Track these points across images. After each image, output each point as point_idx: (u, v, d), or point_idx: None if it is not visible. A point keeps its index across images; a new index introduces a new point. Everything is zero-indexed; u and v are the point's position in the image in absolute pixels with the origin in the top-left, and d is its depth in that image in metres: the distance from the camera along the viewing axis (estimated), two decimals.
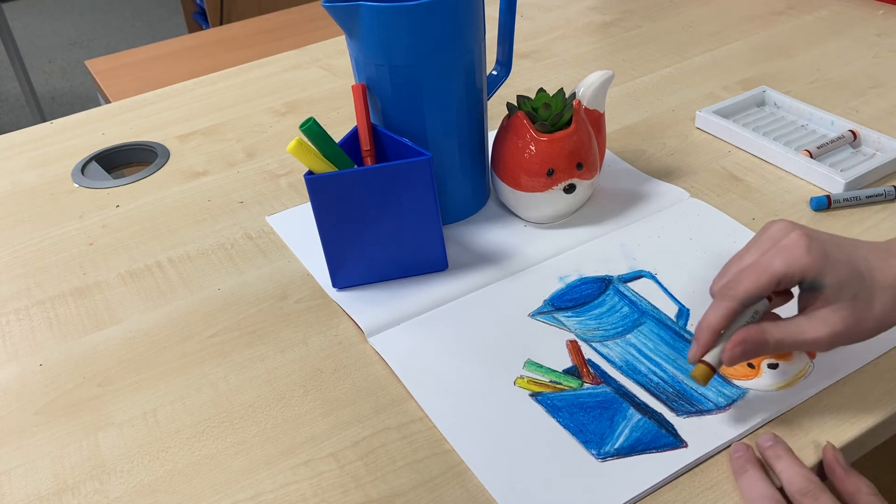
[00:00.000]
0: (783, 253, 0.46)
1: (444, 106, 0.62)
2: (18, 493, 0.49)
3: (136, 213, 0.75)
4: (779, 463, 0.45)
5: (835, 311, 0.45)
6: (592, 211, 0.69)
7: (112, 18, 3.45)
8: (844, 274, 0.45)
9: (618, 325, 0.57)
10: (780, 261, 0.45)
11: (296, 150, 0.55)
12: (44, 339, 0.61)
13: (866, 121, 0.79)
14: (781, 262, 0.45)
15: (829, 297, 0.45)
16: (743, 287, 0.46)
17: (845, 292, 0.45)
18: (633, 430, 0.49)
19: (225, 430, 0.52)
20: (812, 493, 0.43)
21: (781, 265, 0.45)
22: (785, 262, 0.45)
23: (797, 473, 0.44)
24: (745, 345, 0.46)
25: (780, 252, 0.46)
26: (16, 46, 2.19)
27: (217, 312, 0.62)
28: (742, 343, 0.46)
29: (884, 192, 0.67)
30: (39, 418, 0.54)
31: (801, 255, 0.45)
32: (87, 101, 2.77)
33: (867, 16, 1.02)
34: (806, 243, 0.46)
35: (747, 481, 0.44)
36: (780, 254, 0.46)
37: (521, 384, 0.53)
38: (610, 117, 0.83)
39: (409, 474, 0.48)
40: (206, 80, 1.01)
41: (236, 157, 0.83)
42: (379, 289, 0.62)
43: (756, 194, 0.70)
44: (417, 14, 0.57)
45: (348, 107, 0.91)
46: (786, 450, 0.46)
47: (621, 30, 1.04)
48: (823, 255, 0.45)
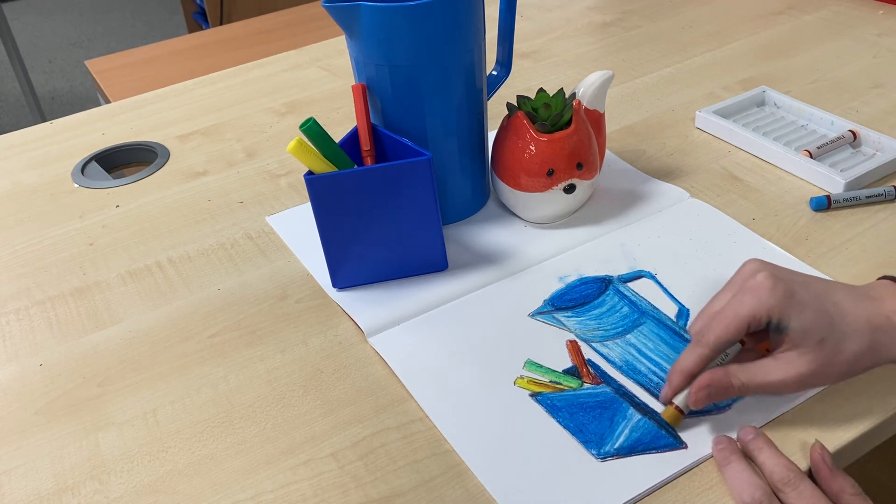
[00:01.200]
0: (748, 295, 0.46)
1: (444, 106, 0.62)
2: (18, 493, 0.49)
3: (136, 213, 0.75)
4: (760, 455, 0.46)
5: (801, 355, 0.45)
6: (592, 211, 0.69)
7: (112, 18, 3.45)
8: (810, 316, 0.45)
9: (618, 325, 0.57)
10: (747, 305, 0.46)
11: (296, 150, 0.55)
12: (44, 339, 0.61)
13: (866, 121, 0.79)
14: (748, 306, 0.46)
15: (795, 339, 0.45)
16: (714, 334, 0.47)
17: (811, 335, 0.45)
18: (632, 431, 0.49)
19: (225, 430, 0.52)
20: (792, 482, 0.43)
21: (748, 309, 0.46)
22: (751, 306, 0.46)
23: (778, 464, 0.44)
24: (709, 388, 0.47)
25: (746, 295, 0.46)
26: (16, 46, 2.19)
27: (217, 312, 0.62)
28: (707, 387, 0.47)
29: (884, 192, 0.67)
30: (39, 418, 0.54)
31: (766, 296, 0.46)
32: (87, 101, 2.77)
33: (867, 16, 1.02)
34: (770, 284, 0.46)
35: (733, 472, 0.45)
36: (745, 297, 0.46)
37: (521, 384, 0.53)
38: (610, 117, 0.83)
39: (409, 474, 0.48)
40: (206, 80, 1.01)
41: (236, 157, 0.83)
42: (379, 289, 0.62)
43: (756, 194, 0.70)
44: (417, 14, 0.57)
45: (348, 107, 0.91)
46: (766, 442, 0.46)
47: (621, 30, 1.04)
48: (788, 296, 0.45)
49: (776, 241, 0.64)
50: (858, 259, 0.61)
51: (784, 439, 0.48)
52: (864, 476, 0.87)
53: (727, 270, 0.61)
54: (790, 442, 0.48)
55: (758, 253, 0.62)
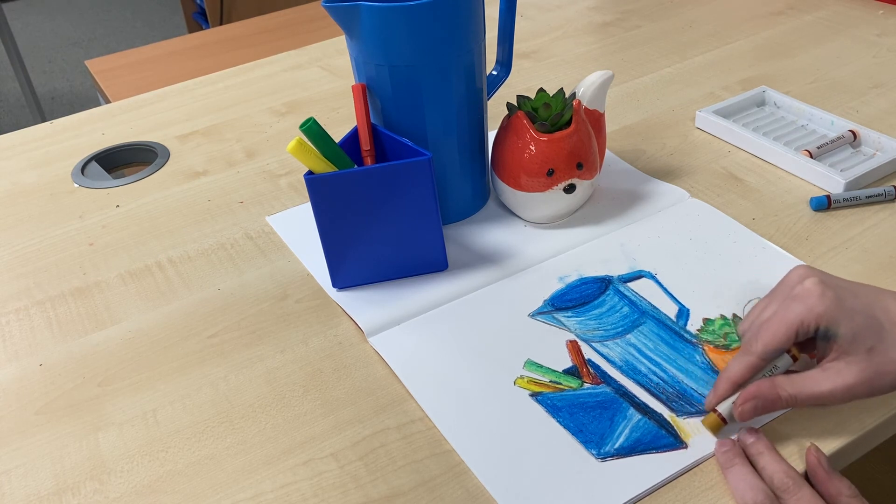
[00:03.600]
0: (797, 302, 0.45)
1: (444, 106, 0.62)
2: (18, 493, 0.49)
3: (136, 213, 0.75)
4: (761, 459, 0.45)
5: (850, 364, 0.44)
6: (592, 211, 0.69)
7: (112, 18, 3.45)
8: (860, 323, 0.44)
9: (618, 325, 0.57)
10: (795, 311, 0.45)
11: (296, 150, 0.55)
12: (44, 339, 0.61)
13: (866, 121, 0.79)
14: (796, 312, 0.45)
15: (844, 347, 0.44)
16: (762, 342, 0.46)
17: (860, 343, 0.44)
18: (633, 431, 0.49)
19: (225, 430, 0.52)
20: (791, 489, 0.43)
21: (796, 316, 0.45)
22: (799, 313, 0.45)
23: (778, 470, 0.44)
24: (756, 400, 0.46)
25: (794, 302, 0.46)
26: (16, 46, 2.19)
27: (217, 312, 0.62)
28: (754, 398, 0.46)
29: (884, 192, 0.67)
30: (39, 418, 0.54)
31: (814, 303, 0.45)
32: (87, 101, 2.77)
33: (867, 16, 1.02)
34: (820, 291, 0.45)
35: (736, 475, 0.45)
36: (793, 304, 0.46)
37: (521, 384, 0.53)
38: (610, 117, 0.83)
39: (409, 474, 0.48)
40: (206, 80, 1.01)
41: (236, 157, 0.83)
42: (379, 289, 0.62)
43: (756, 194, 0.70)
44: (417, 14, 0.57)
45: (348, 107, 0.91)
46: (767, 446, 0.46)
47: (621, 30, 1.04)
48: (837, 302, 0.44)
49: (776, 241, 0.64)
50: (858, 259, 0.61)
51: (783, 440, 0.48)
52: (862, 476, 0.87)
53: (727, 270, 0.61)
54: (790, 442, 0.48)
55: (758, 253, 0.62)
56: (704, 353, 0.54)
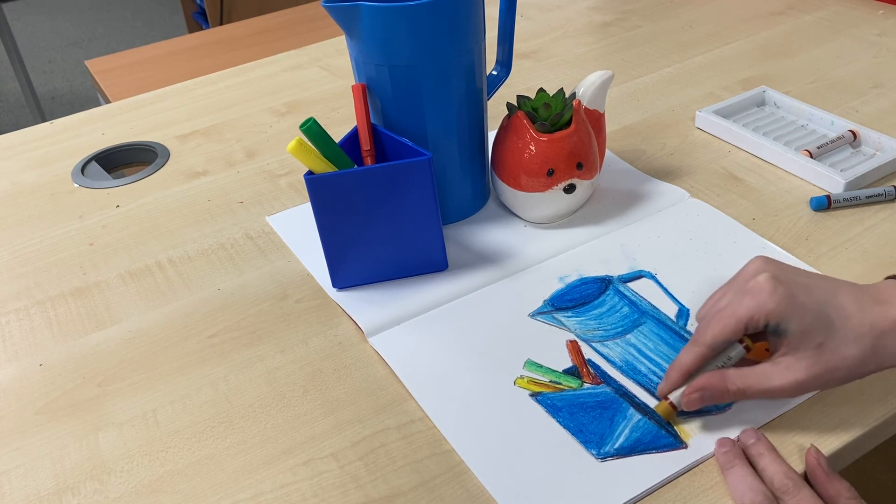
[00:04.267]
0: (748, 297, 0.46)
1: (444, 106, 0.62)
2: (18, 493, 0.49)
3: (136, 213, 0.75)
4: (761, 460, 0.45)
5: (799, 359, 0.45)
6: (592, 211, 0.69)
7: (112, 18, 3.45)
8: (810, 320, 0.45)
9: (618, 325, 0.57)
10: (745, 306, 0.46)
11: (296, 150, 0.55)
12: (44, 339, 0.61)
13: (866, 121, 0.79)
14: (746, 307, 0.46)
15: (794, 343, 0.45)
16: (711, 333, 0.47)
17: (810, 339, 0.45)
18: (633, 431, 0.49)
19: (225, 430, 0.52)
20: (791, 490, 0.43)
21: (746, 311, 0.46)
22: (749, 307, 0.46)
23: (778, 471, 0.44)
24: (703, 391, 0.47)
25: (746, 296, 0.46)
26: (16, 46, 2.19)
27: (217, 312, 0.62)
28: (701, 389, 0.47)
29: (884, 192, 0.67)
30: (39, 418, 0.54)
31: (765, 299, 0.45)
32: (87, 101, 2.77)
33: (867, 16, 1.02)
34: (771, 287, 0.45)
35: (735, 476, 0.45)
36: (745, 298, 0.46)
37: (521, 384, 0.53)
38: (610, 117, 0.83)
39: (409, 474, 0.48)
40: (206, 80, 1.01)
41: (236, 157, 0.83)
42: (379, 289, 0.62)
43: (756, 194, 0.70)
44: (417, 14, 0.57)
45: (348, 107, 0.91)
46: (767, 447, 0.46)
47: (621, 30, 1.04)
48: (788, 299, 0.45)
49: (776, 241, 0.64)
50: (858, 259, 0.61)
51: (783, 440, 0.48)
52: (863, 475, 0.87)
53: (727, 270, 0.61)
54: (790, 442, 0.48)
55: (758, 253, 0.62)
56: None
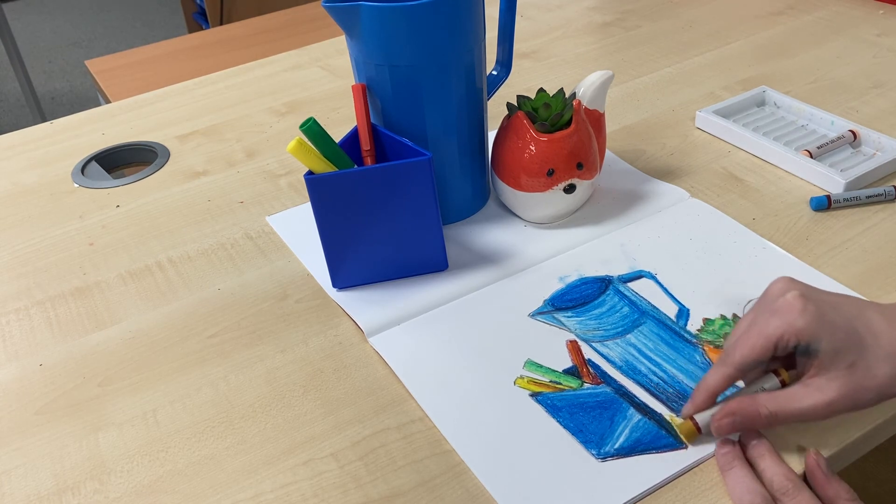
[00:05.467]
0: (777, 316, 0.45)
1: (444, 106, 0.62)
2: (18, 493, 0.49)
3: (136, 213, 0.75)
4: (761, 462, 0.45)
5: (831, 380, 0.44)
6: (592, 211, 0.69)
7: (112, 18, 3.45)
8: (840, 339, 0.44)
9: (618, 325, 0.57)
10: (774, 325, 0.45)
11: (296, 150, 0.55)
12: (44, 339, 0.61)
13: (866, 121, 0.79)
14: (775, 326, 0.45)
15: (825, 363, 0.44)
16: (739, 353, 0.46)
17: (841, 359, 0.43)
18: (633, 431, 0.49)
19: (225, 430, 0.52)
20: (790, 492, 0.43)
21: (775, 329, 0.44)
22: (778, 326, 0.44)
23: (777, 473, 0.44)
24: (734, 416, 0.45)
25: (774, 316, 0.45)
26: (16, 46, 2.19)
27: (217, 312, 0.62)
28: (732, 414, 0.45)
29: (884, 192, 0.67)
30: (39, 418, 0.54)
31: (795, 318, 0.44)
32: (87, 101, 2.77)
33: (867, 16, 1.02)
34: (801, 305, 0.44)
35: (734, 477, 0.45)
36: (773, 318, 0.45)
37: (521, 384, 0.53)
38: (610, 117, 0.83)
39: (409, 474, 0.48)
40: (206, 80, 1.01)
41: (236, 157, 0.83)
42: (379, 289, 0.62)
43: (756, 194, 0.70)
44: (417, 14, 0.57)
45: (348, 107, 0.91)
46: (768, 448, 0.46)
47: (621, 30, 1.04)
48: (818, 317, 0.44)
49: (776, 241, 0.64)
50: (858, 259, 0.61)
51: (783, 441, 0.48)
52: (863, 475, 0.87)
53: (727, 270, 0.61)
54: (790, 443, 0.48)
55: (758, 253, 0.62)
56: (704, 353, 0.54)
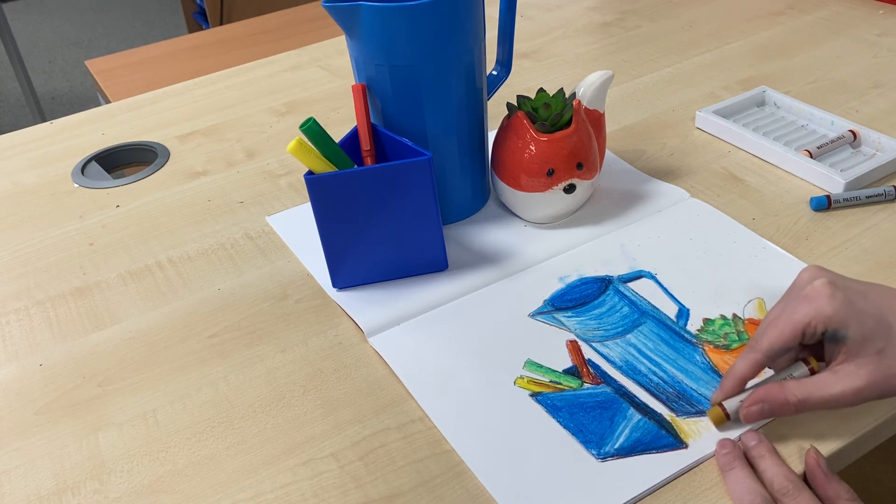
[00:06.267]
0: (805, 303, 0.45)
1: (444, 106, 0.62)
2: (18, 493, 0.49)
3: (136, 213, 0.75)
4: (762, 462, 0.45)
5: (859, 366, 0.44)
6: (592, 211, 0.69)
7: (112, 18, 3.45)
8: (869, 326, 0.44)
9: (618, 325, 0.57)
10: (803, 312, 0.45)
11: (296, 150, 0.55)
12: (44, 339, 0.61)
13: (866, 121, 0.79)
14: (804, 313, 0.45)
15: (853, 350, 0.44)
16: (767, 339, 0.46)
17: (870, 345, 0.43)
18: (633, 431, 0.49)
19: (225, 430, 0.52)
20: (791, 492, 0.43)
21: (803, 316, 0.45)
22: (806, 313, 0.44)
23: (778, 473, 0.44)
24: (764, 403, 0.45)
25: (803, 302, 0.45)
26: (16, 46, 2.19)
27: (217, 312, 0.62)
28: (761, 401, 0.45)
29: (884, 192, 0.67)
30: (39, 418, 0.54)
31: (823, 305, 0.44)
32: (87, 101, 2.77)
33: (867, 16, 1.02)
34: (829, 292, 0.44)
35: (734, 478, 0.45)
36: (802, 304, 0.45)
37: (521, 384, 0.53)
38: (610, 117, 0.83)
39: (409, 474, 0.48)
40: (206, 80, 1.01)
41: (236, 157, 0.83)
42: (379, 289, 0.62)
43: (756, 194, 0.70)
44: (417, 14, 0.57)
45: (348, 107, 0.91)
46: (769, 449, 0.46)
47: (621, 30, 1.04)
48: (847, 304, 0.44)
49: (776, 241, 0.64)
50: (858, 259, 0.61)
51: (783, 441, 0.48)
52: (863, 476, 0.87)
53: (727, 270, 0.61)
54: (790, 442, 0.48)
55: (758, 253, 0.62)
56: (704, 353, 0.54)
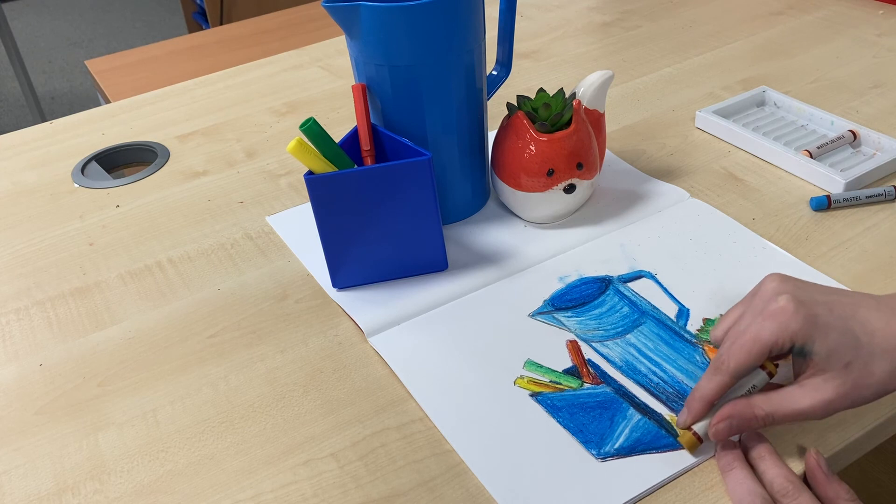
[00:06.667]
0: (770, 321, 0.45)
1: (444, 106, 0.62)
2: (18, 493, 0.49)
3: (136, 213, 0.75)
4: (762, 463, 0.45)
5: (827, 380, 0.44)
6: (592, 211, 0.69)
7: (112, 18, 3.45)
8: (835, 340, 0.43)
9: (618, 325, 0.57)
10: (769, 330, 0.44)
11: (296, 150, 0.55)
12: (44, 339, 0.61)
13: (866, 121, 0.79)
14: (769, 331, 0.44)
15: (820, 364, 0.44)
16: (735, 361, 0.45)
17: (836, 359, 0.43)
18: (633, 431, 0.49)
19: (225, 430, 0.52)
20: (791, 493, 0.43)
21: (770, 335, 0.44)
22: (772, 332, 0.44)
23: (778, 474, 0.44)
24: (731, 420, 0.45)
25: (768, 320, 0.45)
26: (16, 46, 2.19)
27: (217, 312, 0.62)
28: (728, 418, 0.45)
29: (884, 192, 0.67)
30: (39, 418, 0.54)
31: (788, 322, 0.44)
32: (87, 101, 2.77)
33: (867, 16, 1.02)
34: (794, 308, 0.44)
35: (734, 479, 0.45)
36: (767, 322, 0.45)
37: (521, 384, 0.53)
38: (610, 117, 0.83)
39: (409, 474, 0.48)
40: (206, 80, 1.01)
41: (236, 157, 0.83)
42: (379, 289, 0.62)
43: (756, 194, 0.70)
44: (417, 14, 0.57)
45: (348, 107, 0.91)
46: (769, 450, 0.46)
47: (621, 30, 1.04)
48: (811, 319, 0.44)
49: (776, 241, 0.64)
50: (858, 259, 0.61)
51: (783, 442, 0.48)
52: (863, 476, 0.87)
53: (727, 270, 0.61)
54: (789, 443, 0.48)
55: (758, 253, 0.62)
56: (704, 353, 0.54)
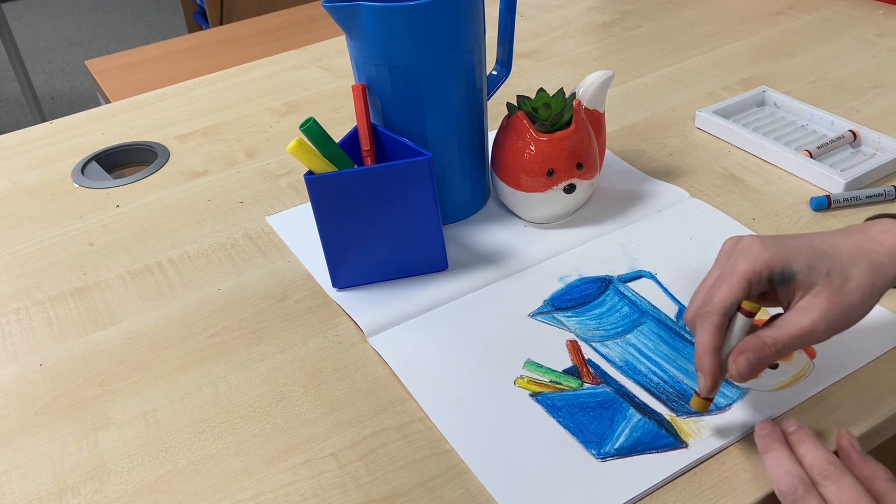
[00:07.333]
0: (741, 257, 0.46)
1: (444, 106, 0.62)
2: (18, 493, 0.49)
3: (136, 213, 0.75)
4: (801, 447, 0.45)
5: (816, 294, 0.45)
6: (592, 211, 0.69)
7: (112, 18, 3.45)
8: (808, 255, 0.46)
9: (618, 325, 0.57)
10: (743, 263, 0.46)
11: (296, 150, 0.55)
12: (44, 339, 0.61)
13: (866, 121, 0.79)
14: (744, 263, 0.46)
15: (805, 282, 0.45)
16: (719, 299, 0.46)
17: (816, 272, 0.45)
18: (633, 431, 0.49)
19: (225, 430, 0.52)
20: (832, 475, 0.43)
21: (747, 266, 0.46)
22: (747, 262, 0.46)
23: (818, 457, 0.44)
24: (746, 353, 0.45)
25: (739, 257, 0.47)
26: (16, 46, 2.19)
27: (217, 312, 0.62)
28: (744, 352, 0.45)
29: (884, 192, 0.67)
30: (39, 418, 0.54)
31: (758, 251, 0.46)
32: (87, 101, 2.77)
33: (867, 16, 1.02)
34: (759, 241, 0.46)
35: (773, 459, 0.45)
36: (739, 259, 0.46)
37: (521, 384, 0.53)
38: (610, 117, 0.83)
39: (409, 474, 0.48)
40: (206, 80, 1.01)
41: (236, 157, 0.83)
42: (379, 289, 0.62)
43: (756, 194, 0.70)
44: (417, 14, 0.57)
45: (348, 107, 0.91)
46: (808, 434, 0.46)
47: (621, 30, 1.04)
48: (781, 246, 0.46)
49: None
50: None
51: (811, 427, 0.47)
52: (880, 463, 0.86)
53: None
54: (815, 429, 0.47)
55: None
56: None
